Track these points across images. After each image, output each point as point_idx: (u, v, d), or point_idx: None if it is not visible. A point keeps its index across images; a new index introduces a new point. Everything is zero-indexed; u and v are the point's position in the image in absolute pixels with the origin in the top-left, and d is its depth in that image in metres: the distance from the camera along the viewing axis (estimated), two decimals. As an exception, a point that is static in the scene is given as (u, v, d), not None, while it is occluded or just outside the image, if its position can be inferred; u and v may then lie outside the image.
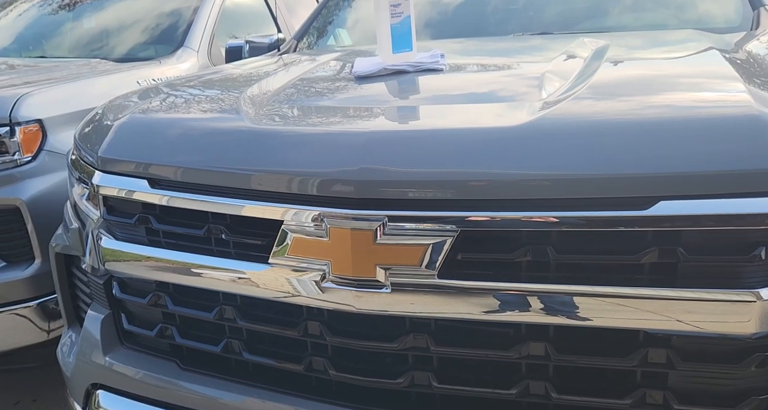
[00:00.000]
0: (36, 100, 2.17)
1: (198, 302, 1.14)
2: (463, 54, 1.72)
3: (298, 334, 1.04)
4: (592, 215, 0.86)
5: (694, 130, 0.87)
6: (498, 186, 0.90)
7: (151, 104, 1.32)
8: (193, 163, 1.09)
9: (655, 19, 1.99)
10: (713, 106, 0.95)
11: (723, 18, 1.90)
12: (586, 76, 1.15)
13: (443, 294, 0.93)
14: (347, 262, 0.95)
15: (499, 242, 0.91)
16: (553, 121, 0.95)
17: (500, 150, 0.92)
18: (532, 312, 0.90)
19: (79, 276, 1.42)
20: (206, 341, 1.15)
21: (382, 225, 0.93)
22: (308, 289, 0.99)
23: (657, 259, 0.85)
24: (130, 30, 3.46)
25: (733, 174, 0.82)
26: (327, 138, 1.01)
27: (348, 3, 2.63)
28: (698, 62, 1.33)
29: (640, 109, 0.97)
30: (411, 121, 1.08)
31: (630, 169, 0.86)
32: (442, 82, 1.30)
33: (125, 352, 1.23)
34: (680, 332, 0.85)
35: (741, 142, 0.83)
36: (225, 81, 1.57)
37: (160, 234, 1.15)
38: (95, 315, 1.29)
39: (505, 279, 0.91)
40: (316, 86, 1.37)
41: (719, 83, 1.07)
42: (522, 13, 2.09)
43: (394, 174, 0.93)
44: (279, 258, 1.01)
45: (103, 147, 1.21)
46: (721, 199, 0.82)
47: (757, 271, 0.82)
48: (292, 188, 0.99)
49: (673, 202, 0.83)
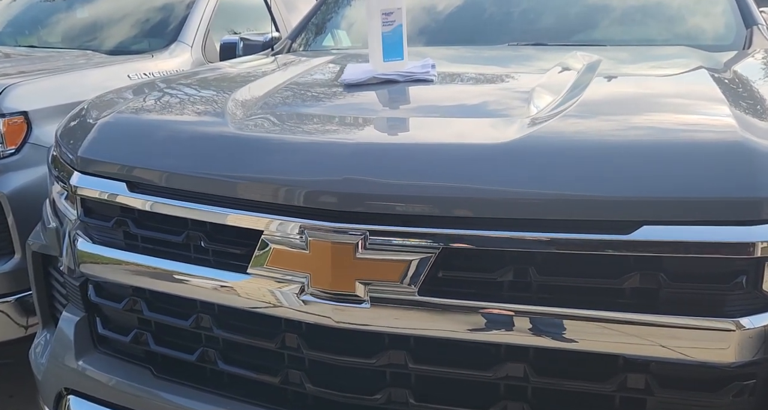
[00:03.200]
0: (22, 91, 2.13)
1: (174, 309, 1.12)
2: (454, 63, 1.71)
3: (275, 346, 1.02)
4: (575, 237, 0.85)
5: (678, 155, 0.86)
6: (481, 204, 0.89)
7: (134, 104, 1.30)
8: (173, 167, 1.07)
9: (648, 34, 1.98)
10: (697, 131, 0.94)
11: (716, 35, 1.90)
12: (576, 93, 1.14)
13: (423, 312, 0.92)
14: (327, 276, 0.94)
15: (482, 261, 0.90)
16: (539, 140, 0.93)
17: (485, 167, 0.91)
18: (512, 333, 0.89)
19: (55, 276, 1.39)
20: (182, 349, 1.13)
21: (363, 240, 0.91)
22: (286, 301, 0.98)
23: (639, 284, 0.84)
24: (124, 22, 3.42)
25: (716, 201, 0.81)
26: (310, 148, 0.99)
27: (343, 4, 2.61)
28: (687, 82, 1.32)
29: (626, 132, 0.96)
30: (396, 134, 1.07)
31: (614, 192, 0.85)
32: (431, 93, 1.29)
33: (99, 357, 1.21)
34: (659, 358, 0.85)
35: (723, 169, 0.83)
36: (213, 82, 1.54)
37: (138, 239, 1.12)
38: (70, 317, 1.27)
39: (486, 298, 0.90)
40: (303, 93, 1.35)
41: (705, 106, 1.06)
42: (517, 23, 2.07)
43: (376, 187, 0.92)
44: (258, 269, 0.99)
45: (82, 147, 1.19)
46: (704, 226, 0.81)
47: (738, 300, 0.82)
48: (272, 198, 0.97)
49: (656, 228, 0.82)
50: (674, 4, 2.03)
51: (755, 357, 0.82)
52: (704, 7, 2.03)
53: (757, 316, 0.81)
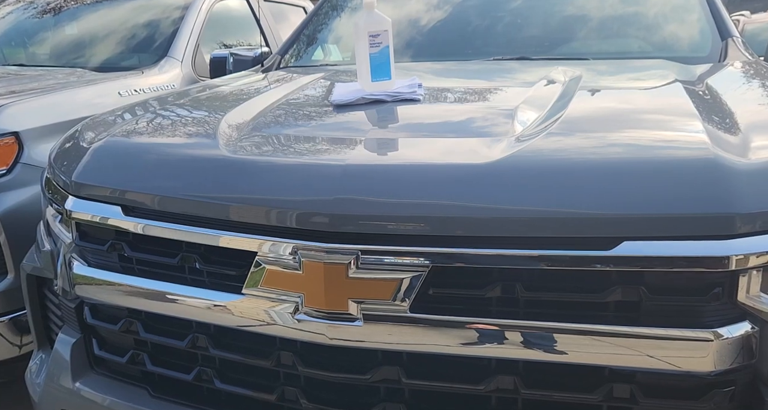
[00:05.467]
0: (13, 111, 2.14)
1: (170, 329, 1.14)
2: (440, 79, 1.74)
3: (271, 364, 1.04)
4: (559, 254, 0.88)
5: (654, 173, 0.90)
6: (469, 222, 0.92)
7: (126, 127, 1.32)
8: (167, 190, 1.09)
9: (628, 47, 2.04)
10: (672, 148, 0.98)
11: (692, 47, 1.96)
12: (558, 110, 1.18)
13: (415, 328, 0.94)
14: (320, 295, 0.96)
15: (471, 278, 0.93)
16: (523, 160, 0.97)
17: (472, 187, 0.94)
18: (502, 346, 0.92)
19: (50, 298, 1.40)
20: (178, 369, 1.14)
21: (355, 259, 0.94)
22: (281, 320, 1.00)
23: (621, 298, 0.88)
24: (114, 39, 3.43)
25: (692, 217, 0.84)
26: (300, 170, 1.01)
27: (332, 18, 2.64)
28: (663, 97, 1.37)
29: (605, 150, 1.00)
30: (386, 154, 1.10)
31: (596, 209, 0.88)
32: (418, 112, 1.32)
33: (95, 378, 1.22)
34: (643, 369, 0.88)
35: (697, 186, 0.86)
36: (204, 103, 1.56)
37: (134, 262, 1.14)
38: (66, 339, 1.28)
39: (475, 314, 0.93)
40: (293, 113, 1.38)
41: (680, 122, 1.10)
42: (500, 37, 2.11)
43: (367, 208, 0.95)
44: (253, 289, 1.01)
45: (77, 171, 1.21)
46: (681, 241, 0.84)
47: (715, 311, 0.85)
48: (265, 220, 0.99)
49: (636, 243, 0.86)
50: (652, 18, 2.09)
51: (733, 365, 0.85)
52: (681, 19, 2.09)
53: (734, 326, 0.84)
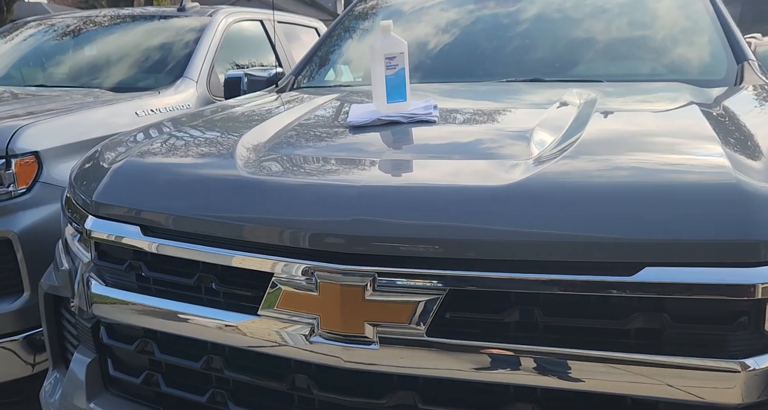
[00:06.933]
0: (33, 131, 2.18)
1: (185, 350, 1.13)
2: (455, 102, 1.75)
3: (285, 387, 1.03)
4: (579, 279, 0.87)
5: (676, 197, 0.89)
6: (487, 246, 0.92)
7: (145, 148, 1.34)
8: (186, 210, 1.10)
9: (643, 69, 2.03)
10: (693, 172, 0.97)
11: (707, 70, 1.95)
12: (574, 133, 1.18)
13: (431, 352, 0.93)
14: (336, 318, 0.96)
15: (488, 302, 0.92)
16: (541, 183, 0.96)
17: (490, 210, 0.94)
18: (520, 373, 0.90)
19: (67, 317, 1.41)
20: (192, 390, 1.14)
21: (372, 281, 0.94)
22: (296, 342, 0.99)
23: (642, 325, 0.86)
24: (131, 60, 3.50)
25: (715, 244, 0.83)
26: (317, 191, 1.02)
27: (345, 39, 2.68)
28: (681, 120, 1.36)
29: (624, 173, 0.99)
30: (402, 176, 1.10)
31: (616, 234, 0.87)
32: (434, 134, 1.32)
33: (110, 399, 1.22)
34: (666, 399, 0.86)
35: (720, 211, 0.85)
36: (221, 124, 1.59)
37: (151, 282, 1.15)
38: (81, 359, 1.28)
39: (493, 339, 0.92)
40: (310, 134, 1.39)
41: (700, 145, 1.10)
42: (514, 58, 2.12)
43: (384, 229, 0.95)
44: (268, 310, 1.01)
45: (97, 191, 1.22)
46: (705, 267, 0.83)
47: (742, 341, 0.84)
48: (282, 241, 1.00)
49: (658, 269, 0.84)
50: (667, 40, 2.09)
51: (761, 398, 0.83)
52: (695, 42, 2.09)
53: (762, 357, 0.82)
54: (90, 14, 4.09)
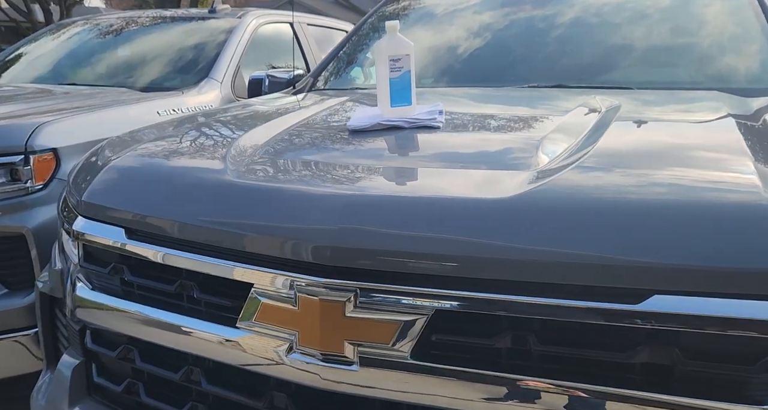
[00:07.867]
0: (52, 129, 2.20)
1: (166, 360, 1.09)
2: (467, 106, 1.66)
3: (263, 406, 0.97)
4: (578, 304, 0.78)
5: (695, 218, 0.78)
6: (480, 263, 0.83)
7: (138, 150, 1.30)
8: (169, 215, 1.05)
9: (677, 76, 1.88)
10: (717, 190, 0.86)
11: (750, 78, 1.79)
12: (589, 142, 1.08)
13: (416, 376, 0.86)
14: (315, 334, 0.89)
15: (479, 325, 0.84)
16: (544, 196, 0.87)
17: (485, 224, 0.85)
18: (511, 404, 0.82)
19: (60, 318, 1.39)
20: (171, 402, 1.09)
21: (354, 297, 0.87)
22: (274, 359, 0.93)
23: (649, 360, 0.76)
24: (161, 60, 3.55)
25: (737, 272, 0.73)
26: (302, 198, 0.95)
27: (363, 43, 2.62)
28: (711, 132, 1.23)
29: (637, 189, 0.89)
30: (393, 185, 1.03)
31: (622, 255, 0.78)
32: (435, 141, 1.24)
33: (92, 405, 1.18)
34: (674, 444, 0.75)
35: (745, 236, 0.74)
36: (219, 126, 1.55)
37: (134, 287, 1.11)
38: (69, 361, 1.25)
39: (482, 365, 0.83)
40: (306, 138, 1.33)
41: (728, 161, 0.97)
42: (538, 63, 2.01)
43: (368, 242, 0.88)
44: (247, 323, 0.96)
45: (87, 191, 1.19)
46: (724, 298, 0.73)
47: (765, 384, 0.72)
48: (262, 249, 0.94)
49: (669, 298, 0.74)
50: (705, 45, 1.94)
51: (786, 451, 0.72)
52: (738, 47, 1.93)
53: (788, 404, 0.71)
54: (130, 15, 4.19)
